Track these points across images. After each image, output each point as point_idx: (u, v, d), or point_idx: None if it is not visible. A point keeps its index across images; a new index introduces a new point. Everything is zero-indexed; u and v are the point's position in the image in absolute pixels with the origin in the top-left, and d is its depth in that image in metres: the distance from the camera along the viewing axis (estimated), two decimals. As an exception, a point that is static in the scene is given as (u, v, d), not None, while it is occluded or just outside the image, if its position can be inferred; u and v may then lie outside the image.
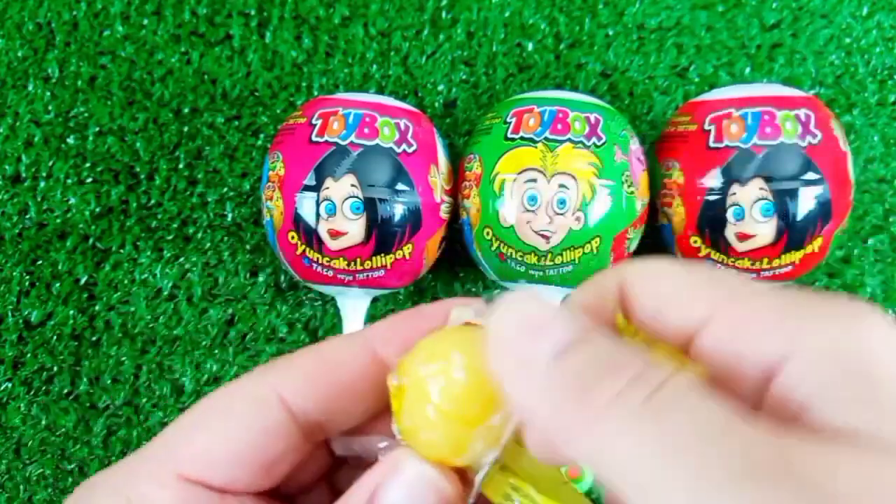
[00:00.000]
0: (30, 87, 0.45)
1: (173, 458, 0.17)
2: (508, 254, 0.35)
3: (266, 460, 0.18)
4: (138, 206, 0.43)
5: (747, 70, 0.44)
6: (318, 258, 0.35)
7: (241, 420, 0.18)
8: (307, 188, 0.34)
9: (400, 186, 0.35)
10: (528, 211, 0.34)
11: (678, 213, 0.36)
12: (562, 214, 0.34)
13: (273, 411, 0.18)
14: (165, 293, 0.42)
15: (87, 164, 0.44)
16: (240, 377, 0.18)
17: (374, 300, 0.40)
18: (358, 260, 0.35)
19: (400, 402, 0.17)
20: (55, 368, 0.42)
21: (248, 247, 0.43)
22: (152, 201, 0.43)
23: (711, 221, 0.35)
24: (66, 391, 0.42)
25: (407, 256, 0.35)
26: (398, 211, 0.35)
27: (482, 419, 0.16)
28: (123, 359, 0.42)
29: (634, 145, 0.37)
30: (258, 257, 0.43)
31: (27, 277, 0.43)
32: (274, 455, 0.18)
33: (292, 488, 0.20)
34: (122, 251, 0.43)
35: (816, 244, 0.35)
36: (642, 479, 0.12)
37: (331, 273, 0.36)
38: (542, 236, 0.34)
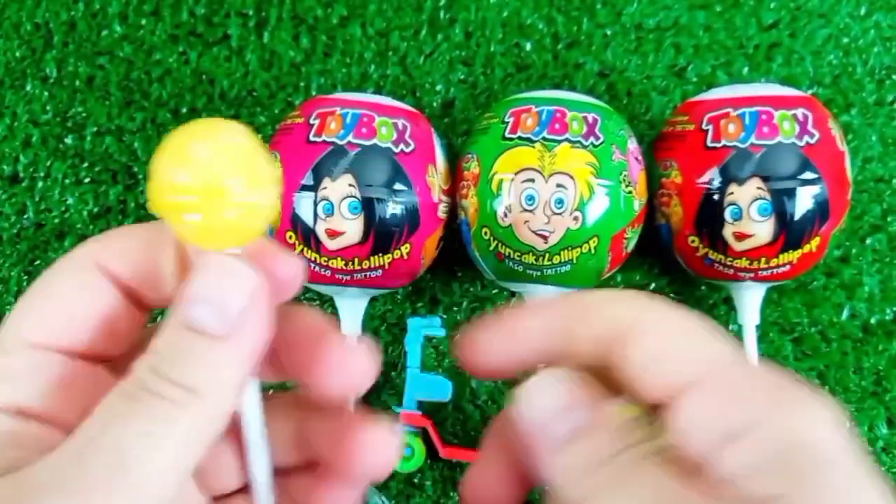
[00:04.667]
0: (28, 88, 0.45)
1: (17, 328, 0.19)
2: (506, 253, 0.35)
3: (102, 320, 0.19)
4: (136, 206, 0.43)
5: (745, 70, 0.44)
6: (315, 258, 0.35)
7: (67, 284, 0.19)
8: (305, 188, 0.34)
9: (398, 186, 0.35)
10: (525, 211, 0.34)
11: (676, 212, 0.36)
12: (559, 214, 0.34)
13: (94, 276, 0.19)
14: (163, 293, 0.42)
15: (85, 164, 0.44)
16: (66, 254, 0.20)
17: (373, 300, 0.40)
18: (356, 260, 0.35)
19: None
20: (53, 369, 0.42)
21: (246, 247, 0.43)
22: (150, 201, 0.43)
23: (709, 221, 0.35)
24: (64, 391, 0.42)
25: (405, 256, 0.35)
26: (396, 211, 0.35)
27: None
28: (121, 359, 0.42)
29: (632, 145, 0.37)
30: (256, 257, 0.43)
31: (25, 278, 0.43)
32: (108, 315, 0.19)
33: None
34: (120, 251, 0.43)
35: (814, 244, 0.35)
36: None
37: (328, 273, 0.35)
38: (540, 236, 0.34)
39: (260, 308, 0.18)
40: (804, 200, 0.34)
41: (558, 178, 0.34)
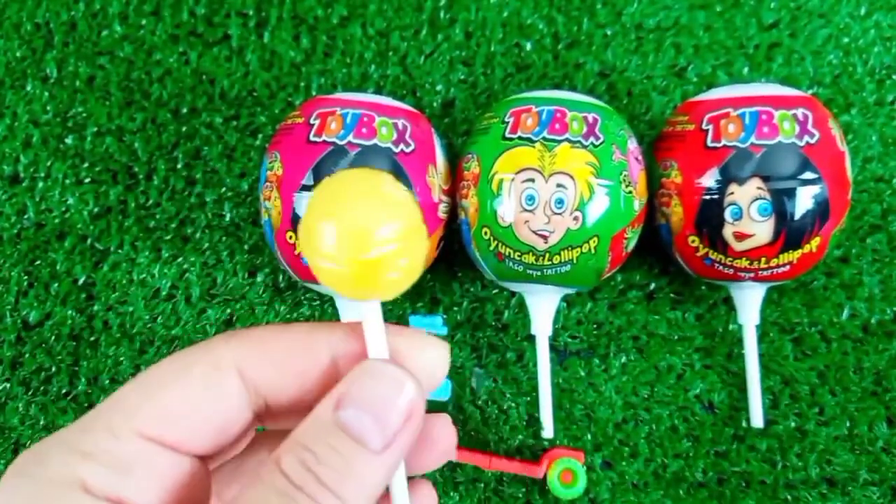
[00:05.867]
0: (28, 88, 0.45)
1: (131, 415, 0.18)
2: (506, 253, 0.35)
3: (219, 424, 0.19)
4: (136, 207, 0.43)
5: (745, 70, 0.44)
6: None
7: (198, 382, 0.18)
8: (305, 188, 0.34)
9: (398, 186, 0.35)
10: (526, 211, 0.34)
11: (676, 212, 0.36)
12: (560, 214, 0.34)
13: (229, 378, 0.19)
14: (164, 293, 0.42)
15: (86, 165, 0.44)
16: (199, 342, 0.19)
17: (373, 300, 0.40)
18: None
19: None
20: (53, 369, 0.42)
21: (246, 247, 0.43)
22: (150, 201, 0.43)
23: (709, 221, 0.35)
24: (64, 391, 0.42)
25: (405, 256, 0.35)
26: (396, 211, 0.34)
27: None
28: (122, 359, 0.42)
29: (632, 145, 0.37)
30: (256, 257, 0.43)
31: (25, 278, 0.43)
32: (225, 420, 0.19)
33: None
34: (120, 251, 0.43)
35: (814, 244, 0.35)
36: None
37: (329, 273, 0.35)
38: (540, 236, 0.34)
39: (415, 425, 0.18)
40: (804, 200, 0.34)
41: (558, 178, 0.34)
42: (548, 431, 0.39)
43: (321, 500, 0.17)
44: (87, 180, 0.44)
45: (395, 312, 0.42)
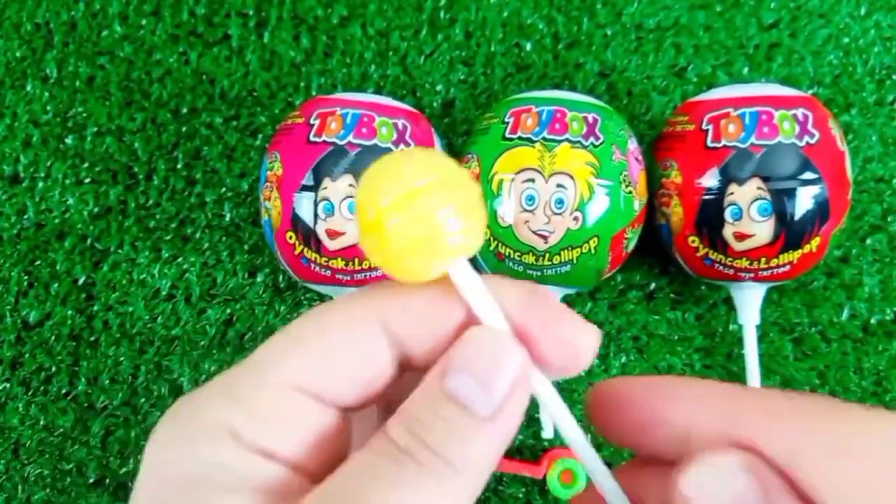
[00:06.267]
0: (28, 88, 0.45)
1: (277, 365, 0.18)
2: (507, 254, 0.35)
3: (363, 376, 0.19)
4: (136, 207, 0.43)
5: (745, 70, 0.44)
6: (315, 258, 0.35)
7: (342, 334, 0.18)
8: (305, 188, 0.34)
9: (398, 186, 0.35)
10: (525, 211, 0.34)
11: (676, 212, 0.36)
12: (559, 214, 0.34)
13: (373, 327, 0.18)
14: (164, 293, 0.42)
15: (86, 165, 0.44)
16: (340, 296, 0.19)
17: (373, 300, 0.40)
18: (356, 260, 0.35)
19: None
20: (53, 369, 0.42)
21: (246, 247, 0.43)
22: (150, 201, 0.43)
23: (709, 221, 0.35)
24: (64, 391, 0.42)
25: (405, 256, 0.35)
26: (396, 211, 0.35)
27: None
28: (121, 359, 0.42)
29: (632, 145, 0.37)
30: (256, 257, 0.43)
31: (25, 278, 0.43)
32: (370, 371, 0.19)
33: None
34: (120, 251, 0.43)
35: (814, 244, 0.35)
36: None
37: (329, 273, 0.36)
38: (540, 236, 0.34)
39: (523, 393, 0.18)
40: (804, 200, 0.34)
41: (558, 178, 0.34)
42: (548, 431, 0.39)
43: (428, 464, 0.16)
44: (87, 180, 0.44)
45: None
